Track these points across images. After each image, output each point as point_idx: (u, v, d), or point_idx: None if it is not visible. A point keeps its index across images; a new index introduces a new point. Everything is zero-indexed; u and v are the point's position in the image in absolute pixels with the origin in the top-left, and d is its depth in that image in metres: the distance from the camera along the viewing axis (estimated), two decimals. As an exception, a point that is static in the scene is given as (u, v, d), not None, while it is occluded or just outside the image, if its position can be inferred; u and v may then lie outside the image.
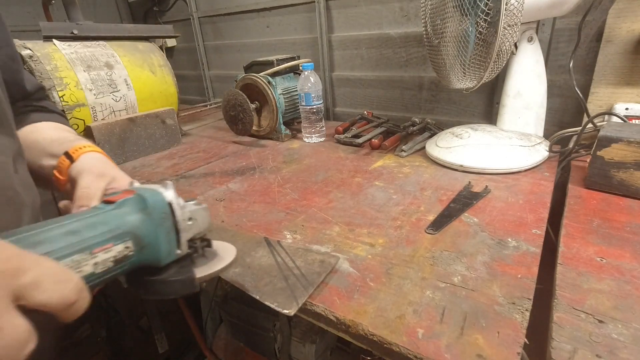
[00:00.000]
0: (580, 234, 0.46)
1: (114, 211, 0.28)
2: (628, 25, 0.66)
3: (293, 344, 0.60)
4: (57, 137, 0.46)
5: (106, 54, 0.92)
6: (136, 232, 0.28)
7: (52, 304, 0.21)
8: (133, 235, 0.28)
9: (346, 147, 0.89)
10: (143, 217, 0.28)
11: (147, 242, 0.28)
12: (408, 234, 0.49)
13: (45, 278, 0.21)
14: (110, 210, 0.28)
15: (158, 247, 0.29)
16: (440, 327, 0.33)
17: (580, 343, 0.31)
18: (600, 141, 0.53)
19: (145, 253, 0.28)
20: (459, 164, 0.68)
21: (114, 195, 0.30)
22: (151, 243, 0.29)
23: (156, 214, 0.29)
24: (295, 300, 0.37)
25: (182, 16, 1.53)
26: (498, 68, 0.61)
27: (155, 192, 0.30)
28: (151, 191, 0.30)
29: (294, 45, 1.24)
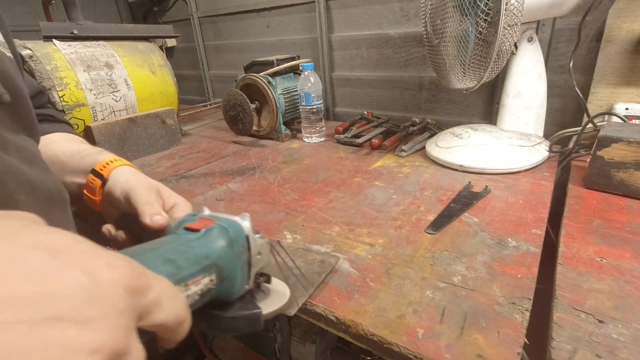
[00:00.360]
0: (580, 234, 0.46)
1: (201, 240, 0.27)
2: (628, 25, 0.66)
3: (293, 344, 0.60)
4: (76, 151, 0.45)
5: (106, 54, 0.92)
6: (220, 264, 0.27)
7: (168, 323, 0.20)
8: (217, 268, 0.26)
9: (346, 147, 0.89)
10: (226, 248, 0.27)
11: (226, 275, 0.27)
12: (408, 234, 0.49)
13: (164, 295, 0.20)
14: (197, 239, 0.27)
15: (234, 281, 0.28)
16: (440, 327, 0.33)
17: (580, 343, 0.31)
18: (600, 141, 0.53)
19: (222, 286, 0.27)
20: (459, 164, 0.68)
21: (192, 222, 0.29)
22: (229, 276, 0.27)
23: (237, 246, 0.28)
24: (295, 300, 0.37)
25: (182, 16, 1.53)
26: (498, 68, 0.61)
27: (235, 223, 0.29)
28: (230, 221, 0.29)
29: (294, 45, 1.24)
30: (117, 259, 0.18)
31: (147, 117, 0.93)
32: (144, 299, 0.18)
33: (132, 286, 0.17)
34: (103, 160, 0.43)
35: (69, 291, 0.15)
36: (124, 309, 0.17)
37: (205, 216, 0.30)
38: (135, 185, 0.40)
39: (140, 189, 0.39)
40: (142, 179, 0.42)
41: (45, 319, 0.14)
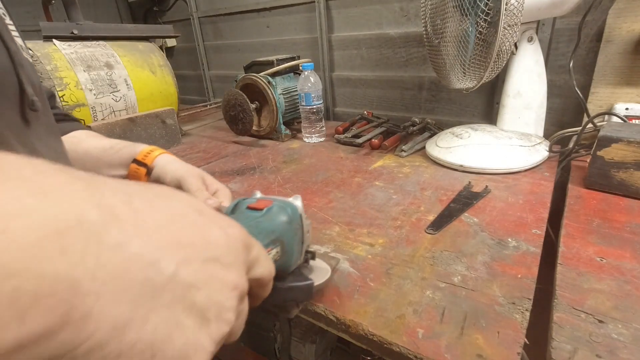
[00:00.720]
0: (580, 234, 0.46)
1: (265, 217, 0.29)
2: (628, 25, 0.66)
3: (293, 344, 0.60)
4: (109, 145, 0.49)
5: (106, 54, 0.92)
6: (282, 239, 0.29)
7: (263, 277, 0.24)
8: (281, 242, 0.29)
9: (346, 147, 0.89)
10: (286, 224, 0.30)
11: (287, 249, 0.30)
12: (408, 234, 0.49)
13: (261, 254, 0.23)
14: (261, 216, 0.29)
15: (292, 255, 0.30)
16: (440, 327, 0.33)
17: (580, 343, 0.31)
18: (600, 141, 0.53)
19: (282, 260, 0.30)
20: (459, 164, 0.68)
21: (252, 202, 0.31)
22: (288, 251, 0.30)
23: (294, 223, 0.30)
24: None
25: (182, 16, 1.53)
26: (498, 68, 0.61)
27: (290, 203, 0.31)
28: (286, 201, 0.31)
29: (294, 45, 1.24)
30: (233, 221, 0.22)
31: (147, 117, 0.93)
32: (251, 255, 0.22)
33: (245, 243, 0.22)
34: (143, 150, 0.47)
35: (216, 241, 0.20)
36: (244, 260, 0.21)
37: (261, 198, 0.32)
38: (184, 173, 0.45)
39: (190, 177, 0.44)
40: (189, 167, 0.46)
41: (208, 259, 0.19)
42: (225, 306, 0.19)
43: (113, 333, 0.15)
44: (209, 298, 0.18)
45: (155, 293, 0.16)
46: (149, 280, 0.16)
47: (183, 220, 0.19)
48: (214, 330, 0.19)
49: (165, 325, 0.17)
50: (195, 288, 0.18)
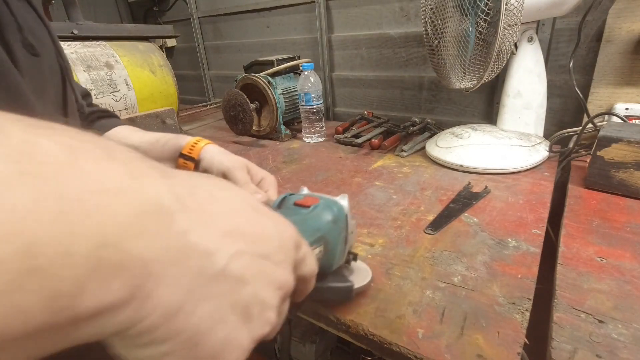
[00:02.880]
0: (580, 234, 0.46)
1: (311, 214, 0.29)
2: (628, 25, 0.66)
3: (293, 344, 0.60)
4: (155, 139, 0.49)
5: (106, 54, 0.92)
6: (327, 238, 0.29)
7: (307, 275, 0.24)
8: (325, 240, 0.28)
9: (346, 147, 0.89)
10: (332, 224, 0.29)
11: (330, 248, 0.29)
12: (408, 234, 0.49)
13: (307, 253, 0.24)
14: (308, 213, 0.29)
15: (335, 255, 0.30)
16: (440, 327, 0.33)
17: (580, 343, 0.31)
18: (600, 141, 0.53)
19: (325, 259, 0.29)
20: (459, 164, 0.68)
21: (299, 199, 0.31)
22: (332, 250, 0.29)
23: (339, 223, 0.30)
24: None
25: (182, 16, 1.53)
26: (498, 68, 0.61)
27: (337, 202, 0.31)
28: (333, 200, 0.31)
29: (294, 45, 1.24)
30: (285, 219, 0.22)
31: (147, 117, 0.93)
32: (299, 254, 0.22)
33: (296, 242, 0.22)
34: (188, 143, 0.48)
35: (268, 238, 0.20)
36: (293, 259, 0.21)
37: (308, 195, 0.32)
38: (230, 165, 0.46)
39: (235, 169, 0.45)
40: (233, 159, 0.47)
41: (259, 254, 0.19)
42: (269, 304, 0.20)
43: (164, 318, 0.15)
44: (255, 294, 0.19)
45: (207, 283, 0.17)
46: (203, 270, 0.16)
47: (239, 214, 0.19)
48: (254, 329, 0.19)
49: (211, 317, 0.17)
50: (243, 282, 0.18)
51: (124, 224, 0.14)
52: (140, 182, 0.15)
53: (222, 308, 0.17)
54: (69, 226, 0.12)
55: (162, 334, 0.15)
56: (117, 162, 0.15)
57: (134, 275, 0.14)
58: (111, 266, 0.13)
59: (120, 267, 0.13)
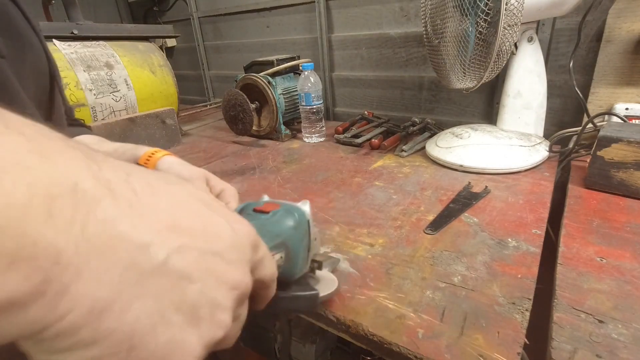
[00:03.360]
0: (580, 234, 0.46)
1: (271, 220, 0.28)
2: (628, 25, 0.66)
3: (293, 344, 0.60)
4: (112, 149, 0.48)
5: (106, 54, 0.92)
6: (288, 244, 0.28)
7: (266, 279, 0.22)
8: (285, 247, 0.28)
9: (346, 147, 0.89)
10: (293, 230, 0.28)
11: (292, 255, 0.28)
12: (408, 234, 0.49)
13: (266, 255, 0.22)
14: (268, 219, 0.28)
15: (297, 262, 0.29)
16: (440, 327, 0.33)
17: (580, 343, 0.31)
18: (600, 141, 0.53)
19: (286, 266, 0.29)
20: (459, 164, 0.68)
21: (258, 205, 0.30)
22: (293, 257, 0.29)
23: (301, 228, 0.29)
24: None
25: (182, 16, 1.53)
26: (498, 68, 0.61)
27: (298, 208, 0.30)
28: (294, 206, 0.30)
29: (294, 45, 1.24)
30: (241, 217, 0.21)
31: (147, 117, 0.93)
32: (257, 255, 0.21)
33: (253, 241, 0.20)
34: (145, 154, 0.46)
35: (220, 234, 0.18)
36: (249, 259, 0.20)
37: (269, 201, 0.31)
38: (188, 176, 0.44)
39: (195, 180, 0.44)
40: (191, 169, 0.46)
41: (208, 251, 0.17)
42: (221, 306, 0.18)
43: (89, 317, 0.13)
44: (203, 294, 0.17)
45: (141, 279, 0.15)
46: (135, 264, 0.14)
47: (185, 208, 0.17)
48: (205, 332, 0.17)
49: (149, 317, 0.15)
50: (188, 280, 0.16)
51: (23, 205, 0.12)
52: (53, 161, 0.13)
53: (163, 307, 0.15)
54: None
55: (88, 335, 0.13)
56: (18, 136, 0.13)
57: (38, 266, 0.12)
58: (5, 253, 0.11)
59: (19, 254, 0.11)
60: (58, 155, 0.13)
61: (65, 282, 0.13)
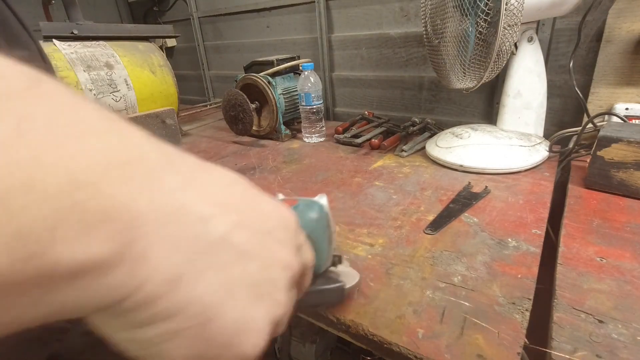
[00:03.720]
0: (580, 234, 0.46)
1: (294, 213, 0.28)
2: (628, 25, 0.66)
3: (293, 344, 0.60)
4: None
5: (106, 54, 0.92)
6: (312, 237, 0.27)
7: (307, 264, 0.22)
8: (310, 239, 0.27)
9: (346, 147, 0.89)
10: (315, 222, 0.28)
11: (316, 248, 0.28)
12: (408, 234, 0.49)
13: (304, 241, 0.22)
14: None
15: (322, 254, 0.29)
16: (440, 327, 0.33)
17: (580, 343, 0.31)
18: (600, 141, 0.53)
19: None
20: (459, 164, 0.68)
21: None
22: (318, 250, 0.28)
23: (323, 220, 0.29)
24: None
25: (182, 16, 1.53)
26: (498, 68, 0.61)
27: (316, 202, 0.29)
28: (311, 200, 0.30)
29: (294, 45, 1.24)
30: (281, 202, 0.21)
31: (147, 117, 0.93)
32: (299, 239, 0.21)
33: (296, 226, 0.20)
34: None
35: (269, 215, 0.18)
36: (295, 241, 0.20)
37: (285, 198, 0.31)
38: None
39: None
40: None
41: (261, 230, 0.17)
42: (278, 285, 0.17)
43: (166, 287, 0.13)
44: (262, 271, 0.17)
45: (207, 251, 0.14)
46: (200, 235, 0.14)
47: (233, 188, 0.17)
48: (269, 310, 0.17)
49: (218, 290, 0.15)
50: (248, 257, 0.16)
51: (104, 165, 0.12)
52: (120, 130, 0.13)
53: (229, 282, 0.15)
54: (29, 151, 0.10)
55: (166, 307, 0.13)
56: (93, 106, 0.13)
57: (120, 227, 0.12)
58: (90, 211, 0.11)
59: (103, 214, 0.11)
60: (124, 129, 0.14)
61: (142, 247, 0.12)
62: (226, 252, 0.15)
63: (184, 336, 0.14)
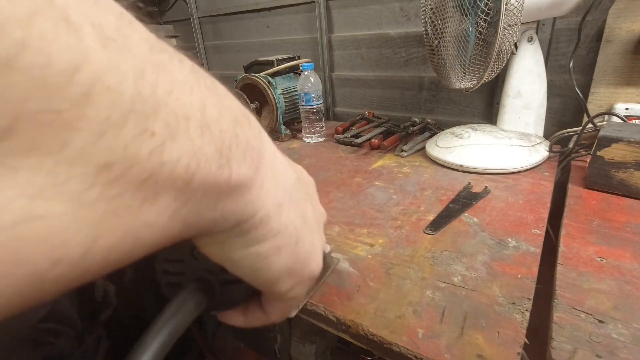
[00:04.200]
0: (580, 234, 0.46)
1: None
2: (628, 25, 0.66)
3: (293, 344, 0.59)
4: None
5: (106, 54, 0.92)
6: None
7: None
8: None
9: (346, 147, 0.89)
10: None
11: None
12: (408, 234, 0.49)
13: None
14: None
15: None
16: (440, 327, 0.33)
17: (580, 343, 0.31)
18: (600, 141, 0.53)
19: None
20: (459, 164, 0.68)
21: None
22: None
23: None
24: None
25: (182, 16, 1.53)
26: (498, 68, 0.61)
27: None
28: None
29: (294, 45, 1.24)
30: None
31: (147, 117, 0.93)
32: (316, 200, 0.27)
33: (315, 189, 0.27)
34: None
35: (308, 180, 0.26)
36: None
37: None
38: None
39: None
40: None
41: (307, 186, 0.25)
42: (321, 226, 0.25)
43: (274, 210, 0.18)
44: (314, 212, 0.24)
45: (292, 190, 0.21)
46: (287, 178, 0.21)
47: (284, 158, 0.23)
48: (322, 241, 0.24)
49: (299, 218, 0.21)
50: (306, 200, 0.23)
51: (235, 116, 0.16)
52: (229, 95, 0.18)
53: (304, 214, 0.22)
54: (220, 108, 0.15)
55: (274, 227, 0.18)
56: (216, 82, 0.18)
57: (255, 157, 0.17)
58: (244, 143, 0.16)
59: (248, 145, 0.16)
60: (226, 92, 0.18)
61: (262, 177, 0.17)
62: (298, 193, 0.22)
63: (284, 251, 0.19)
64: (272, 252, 0.19)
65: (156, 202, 0.13)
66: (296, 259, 0.20)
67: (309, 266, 0.22)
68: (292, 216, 0.20)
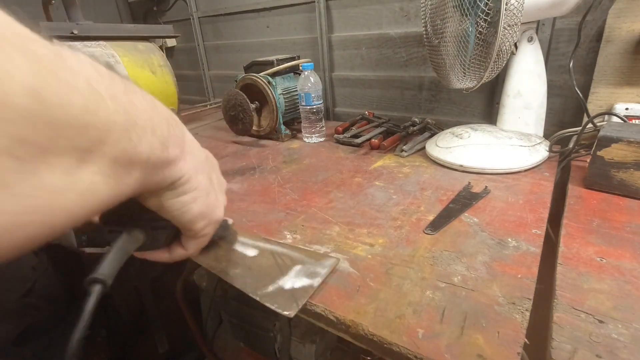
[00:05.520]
0: (580, 234, 0.46)
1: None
2: (628, 25, 0.66)
3: (293, 344, 0.59)
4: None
5: (106, 54, 0.92)
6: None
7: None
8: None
9: (346, 147, 0.89)
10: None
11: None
12: (408, 234, 0.49)
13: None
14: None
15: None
16: (440, 327, 0.33)
17: (580, 343, 0.31)
18: (600, 141, 0.53)
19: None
20: (459, 164, 0.68)
21: None
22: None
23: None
24: (295, 301, 0.37)
25: (182, 16, 1.53)
26: (498, 68, 0.61)
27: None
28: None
29: (294, 45, 1.24)
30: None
31: (147, 117, 0.93)
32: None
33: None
34: None
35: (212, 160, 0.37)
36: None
37: None
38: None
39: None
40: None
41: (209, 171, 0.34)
42: (223, 189, 0.38)
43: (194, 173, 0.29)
44: (218, 179, 0.36)
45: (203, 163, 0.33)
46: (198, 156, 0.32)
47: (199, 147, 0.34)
48: (224, 199, 0.38)
49: (207, 181, 0.32)
50: (212, 171, 0.35)
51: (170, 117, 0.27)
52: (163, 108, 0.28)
53: (211, 178, 0.34)
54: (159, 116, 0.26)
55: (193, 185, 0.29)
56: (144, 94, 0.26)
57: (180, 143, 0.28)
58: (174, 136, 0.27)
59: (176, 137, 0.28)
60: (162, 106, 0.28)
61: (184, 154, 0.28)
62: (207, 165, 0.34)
63: (199, 200, 0.31)
64: (191, 200, 0.30)
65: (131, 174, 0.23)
66: (207, 206, 0.32)
67: (215, 212, 0.34)
68: (203, 179, 0.31)
